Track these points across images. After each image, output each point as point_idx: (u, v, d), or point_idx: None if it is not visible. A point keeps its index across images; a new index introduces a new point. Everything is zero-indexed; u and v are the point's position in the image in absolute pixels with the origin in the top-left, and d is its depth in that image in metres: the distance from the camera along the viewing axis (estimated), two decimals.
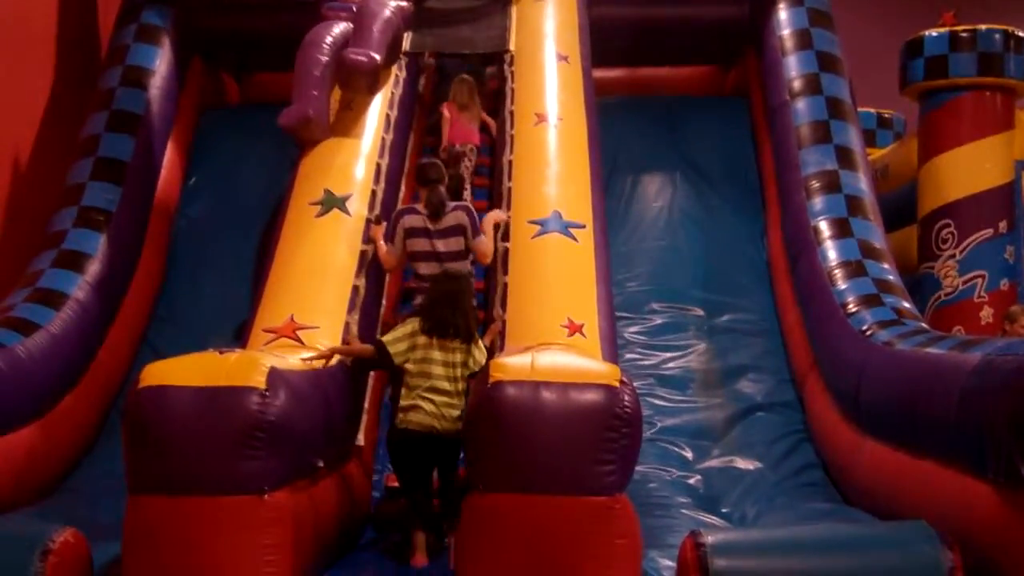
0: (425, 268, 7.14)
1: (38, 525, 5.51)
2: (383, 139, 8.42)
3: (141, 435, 5.19)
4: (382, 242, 7.38)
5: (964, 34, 10.76)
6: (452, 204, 7.25)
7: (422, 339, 6.23)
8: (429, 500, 6.40)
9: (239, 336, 7.26)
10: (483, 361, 6.22)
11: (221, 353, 5.40)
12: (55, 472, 7.49)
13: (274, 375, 5.26)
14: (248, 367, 5.26)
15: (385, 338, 6.35)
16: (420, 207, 7.24)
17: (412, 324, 6.29)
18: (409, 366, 6.22)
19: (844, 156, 8.91)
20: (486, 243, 7.20)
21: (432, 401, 6.18)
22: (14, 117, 9.23)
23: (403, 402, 6.26)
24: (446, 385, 6.22)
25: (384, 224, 7.60)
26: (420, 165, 7.66)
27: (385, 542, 6.80)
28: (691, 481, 7.51)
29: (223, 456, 5.09)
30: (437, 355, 6.23)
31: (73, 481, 7.60)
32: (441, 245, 7.15)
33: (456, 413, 6.18)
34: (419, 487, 6.36)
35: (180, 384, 5.18)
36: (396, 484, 6.73)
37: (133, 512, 5.21)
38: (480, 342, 6.43)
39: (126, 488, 5.28)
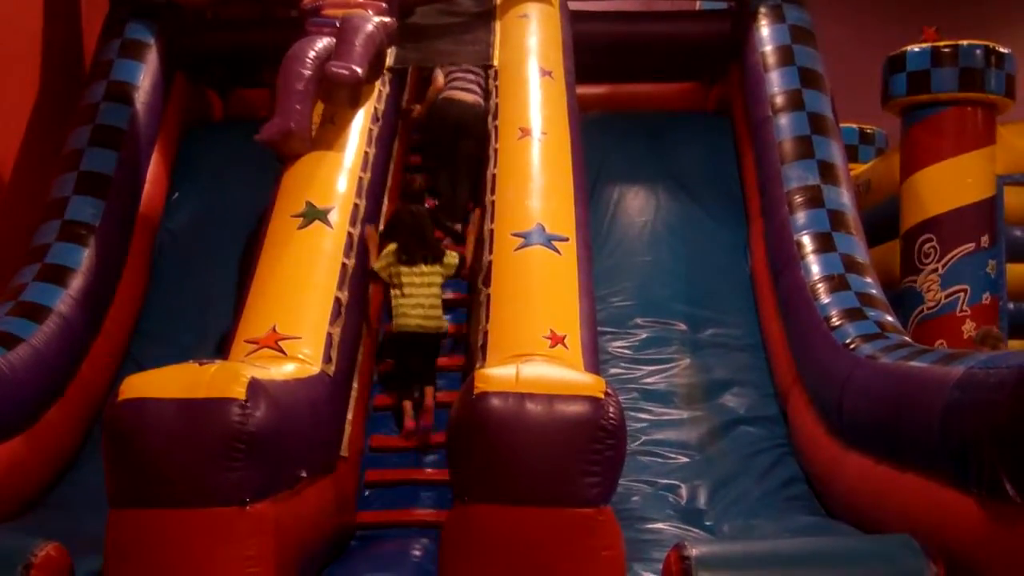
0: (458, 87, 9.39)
1: (20, 539, 5.47)
2: (366, 153, 8.40)
3: (121, 448, 5.15)
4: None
5: (946, 49, 10.84)
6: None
7: (398, 262, 7.77)
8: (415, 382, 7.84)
9: (222, 349, 7.24)
10: (455, 262, 7.87)
11: (201, 364, 5.37)
12: (37, 486, 7.45)
13: (254, 386, 5.22)
14: (228, 378, 5.22)
15: (375, 265, 7.82)
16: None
17: (391, 248, 7.84)
18: (388, 281, 7.79)
19: (827, 171, 8.93)
20: None
21: (411, 307, 7.69)
22: None
23: (394, 313, 7.76)
24: (421, 296, 7.71)
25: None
26: None
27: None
28: (675, 494, 7.51)
29: (203, 468, 5.06)
30: (412, 276, 7.73)
31: (56, 495, 7.55)
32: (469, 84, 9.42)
33: (434, 313, 7.75)
34: (409, 374, 7.83)
35: (159, 396, 5.15)
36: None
37: (114, 526, 5.17)
38: (449, 253, 7.90)
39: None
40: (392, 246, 7.87)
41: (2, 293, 8.08)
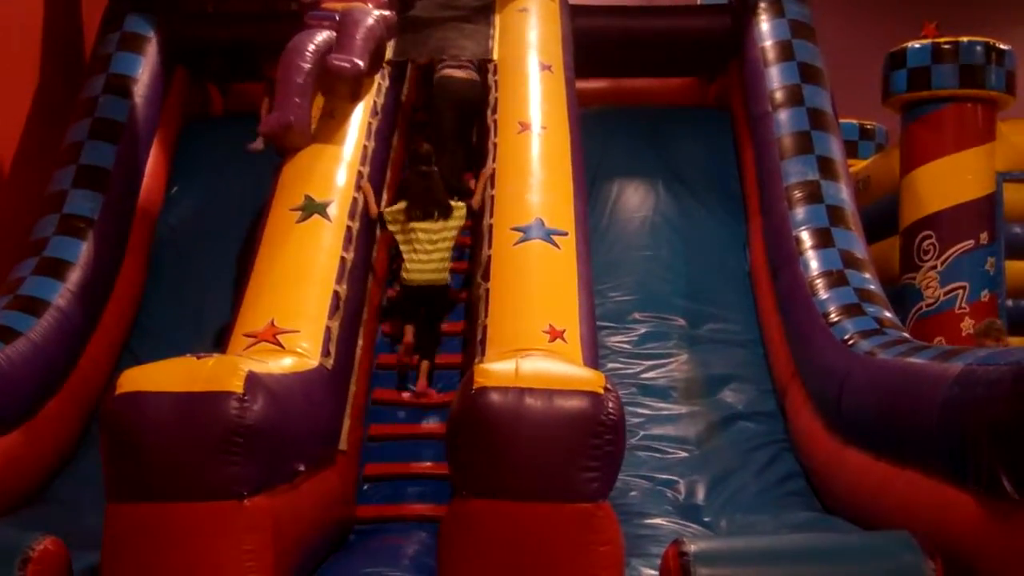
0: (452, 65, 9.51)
1: (18, 533, 5.47)
2: (365, 147, 8.42)
3: (119, 442, 5.15)
4: None
5: (946, 46, 10.83)
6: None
7: (408, 217, 8.06)
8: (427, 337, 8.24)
9: (220, 342, 7.24)
10: (463, 212, 8.13)
11: (199, 358, 5.37)
12: (35, 480, 7.45)
13: (252, 379, 5.22)
14: (226, 372, 5.22)
15: (385, 211, 8.18)
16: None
17: (402, 205, 8.14)
18: (399, 236, 8.09)
19: (826, 167, 8.93)
20: None
21: (420, 261, 8.01)
22: None
23: (405, 268, 8.11)
24: (428, 247, 8.02)
25: None
26: None
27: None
28: (673, 490, 7.51)
29: (201, 462, 5.06)
30: (420, 228, 8.03)
31: (54, 489, 7.55)
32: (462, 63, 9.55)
33: (438, 265, 8.06)
34: (422, 325, 8.17)
35: (157, 390, 5.14)
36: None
37: (112, 520, 5.17)
38: (458, 206, 8.15)
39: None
40: (402, 204, 8.14)
41: (0, 287, 8.06)
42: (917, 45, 10.97)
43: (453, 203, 8.14)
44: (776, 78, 9.58)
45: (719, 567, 5.14)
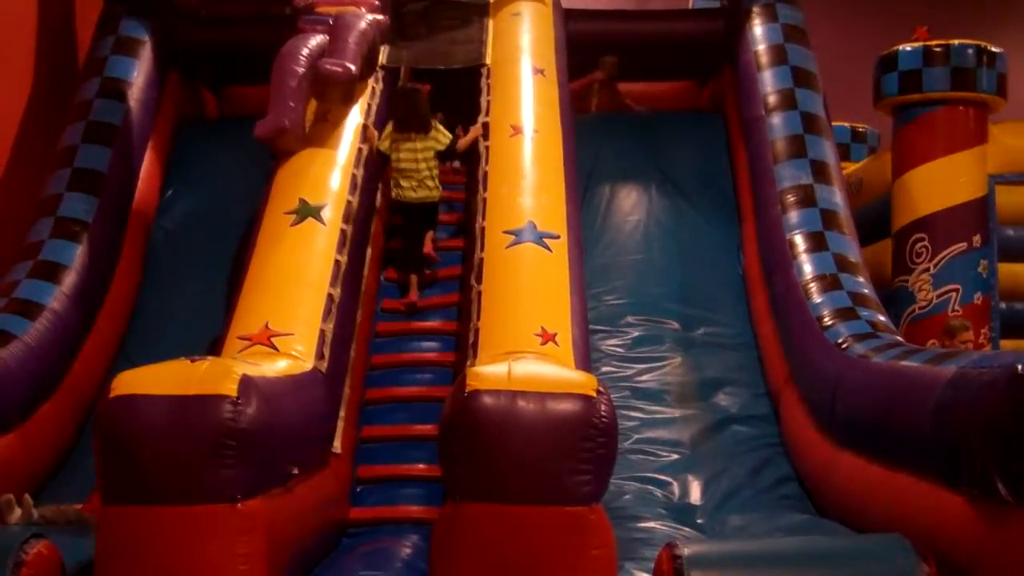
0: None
1: (10, 536, 5.46)
2: (359, 150, 8.45)
3: (112, 445, 5.15)
4: None
5: (938, 49, 10.86)
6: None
7: (396, 135, 8.61)
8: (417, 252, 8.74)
9: (215, 346, 7.24)
10: (445, 140, 8.65)
11: (193, 361, 5.37)
12: (29, 483, 7.41)
13: (246, 383, 5.22)
14: (220, 375, 5.22)
15: (380, 146, 8.66)
16: None
17: (389, 126, 8.69)
18: (392, 157, 8.60)
19: (819, 170, 8.95)
20: None
21: (408, 179, 8.60)
22: None
23: (398, 183, 8.64)
24: (413, 166, 8.56)
25: None
26: None
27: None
28: (666, 493, 7.51)
29: (195, 465, 5.06)
30: (406, 146, 8.58)
31: (48, 492, 7.53)
32: None
33: (429, 183, 8.60)
34: (411, 240, 8.74)
35: (151, 393, 5.14)
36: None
37: (106, 523, 5.17)
38: (440, 128, 8.67)
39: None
40: (389, 127, 8.68)
41: None
42: (908, 48, 11.00)
43: (437, 127, 8.63)
44: (769, 82, 9.60)
45: (712, 570, 5.14)
